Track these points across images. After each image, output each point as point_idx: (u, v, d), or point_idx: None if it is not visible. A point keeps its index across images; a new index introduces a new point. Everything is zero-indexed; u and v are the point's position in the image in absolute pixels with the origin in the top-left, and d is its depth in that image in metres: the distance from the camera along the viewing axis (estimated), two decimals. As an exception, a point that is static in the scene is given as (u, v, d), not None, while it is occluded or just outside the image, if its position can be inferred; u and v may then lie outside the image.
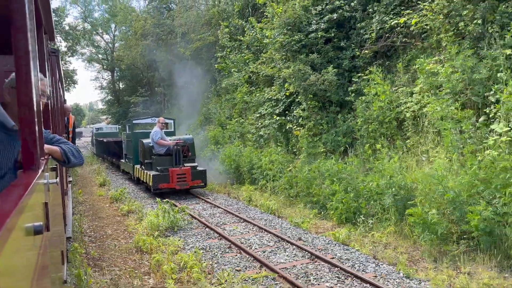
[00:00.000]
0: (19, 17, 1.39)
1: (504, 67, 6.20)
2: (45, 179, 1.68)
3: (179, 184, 9.75)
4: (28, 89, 1.43)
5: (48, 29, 3.06)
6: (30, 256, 1.03)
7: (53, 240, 1.89)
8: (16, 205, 0.91)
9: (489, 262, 4.80)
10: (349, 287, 4.30)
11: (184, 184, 9.80)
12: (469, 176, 5.25)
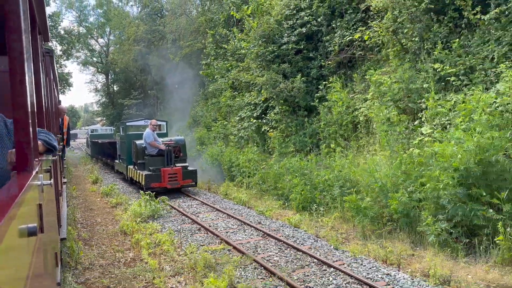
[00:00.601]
0: (13, 18, 1.38)
1: (432, 79, 7.39)
2: (39, 181, 1.67)
3: (170, 183, 10.14)
4: (23, 90, 1.41)
5: (43, 29, 3.04)
6: (24, 257, 1.02)
7: (47, 242, 1.89)
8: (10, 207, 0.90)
9: (406, 239, 5.94)
10: (286, 255, 5.43)
11: (175, 183, 10.20)
12: (393, 169, 6.41)
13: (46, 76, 4.10)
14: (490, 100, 5.83)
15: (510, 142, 5.42)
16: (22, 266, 0.96)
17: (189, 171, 10.58)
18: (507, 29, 6.66)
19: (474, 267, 4.84)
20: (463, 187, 5.33)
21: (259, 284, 4.53)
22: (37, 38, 2.52)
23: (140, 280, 4.92)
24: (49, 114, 4.21)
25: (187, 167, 10.84)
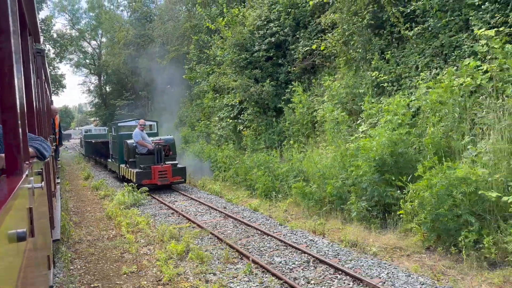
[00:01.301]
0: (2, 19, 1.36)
1: (371, 85, 8.73)
2: (30, 184, 1.64)
3: (160, 180, 10.60)
4: (12, 92, 1.38)
5: (33, 30, 3.01)
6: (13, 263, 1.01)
7: (38, 245, 1.87)
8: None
9: (339, 216, 7.26)
10: (238, 229, 6.74)
11: (165, 180, 10.67)
12: (330, 160, 7.74)
13: (37, 77, 4.00)
14: (404, 103, 7.16)
15: (417, 137, 6.76)
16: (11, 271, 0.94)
17: (178, 168, 11.10)
18: (429, 43, 8.00)
19: (383, 236, 6.17)
20: (378, 174, 6.66)
21: (210, 247, 5.84)
22: (27, 39, 2.49)
23: (119, 249, 6.20)
24: (41, 115, 4.11)
25: (177, 164, 11.34)
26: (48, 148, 2.26)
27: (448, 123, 6.46)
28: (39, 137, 2.36)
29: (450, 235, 5.28)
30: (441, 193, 5.28)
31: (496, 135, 5.65)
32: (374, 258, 5.26)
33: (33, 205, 1.61)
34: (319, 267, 4.93)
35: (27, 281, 1.27)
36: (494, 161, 5.40)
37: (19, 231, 1.07)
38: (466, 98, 6.50)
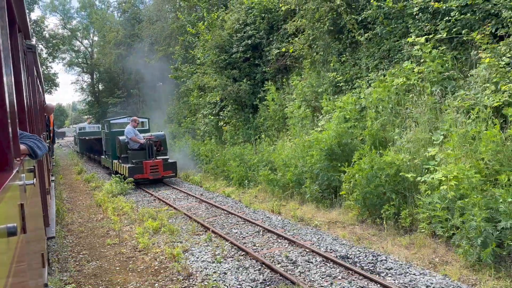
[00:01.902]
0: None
1: (330, 85, 9.83)
2: (21, 180, 1.64)
3: (152, 174, 10.98)
4: (1, 89, 1.36)
5: (23, 26, 2.96)
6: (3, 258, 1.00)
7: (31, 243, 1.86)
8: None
9: (298, 199, 8.39)
10: (209, 211, 7.86)
11: (156, 174, 11.06)
12: (291, 151, 8.86)
13: (28, 74, 3.90)
14: (352, 101, 8.28)
15: (360, 130, 7.88)
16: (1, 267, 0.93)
17: (169, 163, 11.52)
18: (377, 47, 9.10)
19: (329, 213, 7.30)
20: (328, 161, 7.78)
21: (181, 224, 6.94)
22: (16, 35, 2.46)
23: (105, 228, 7.28)
24: (33, 113, 4.06)
25: (168, 159, 11.73)
26: (42, 147, 2.27)
27: (385, 117, 7.59)
28: (34, 135, 2.37)
29: (376, 209, 6.42)
30: (370, 175, 6.41)
31: (418, 127, 6.79)
32: (314, 228, 6.39)
33: (24, 201, 1.61)
34: (266, 235, 6.06)
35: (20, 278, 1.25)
36: (414, 149, 6.53)
37: (9, 226, 1.06)
38: (401, 96, 7.64)
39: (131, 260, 5.48)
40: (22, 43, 3.16)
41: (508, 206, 4.52)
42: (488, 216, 4.64)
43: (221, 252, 5.40)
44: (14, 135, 1.50)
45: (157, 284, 4.60)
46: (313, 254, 5.11)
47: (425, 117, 6.81)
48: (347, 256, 5.01)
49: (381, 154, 6.71)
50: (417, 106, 7.14)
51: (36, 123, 4.44)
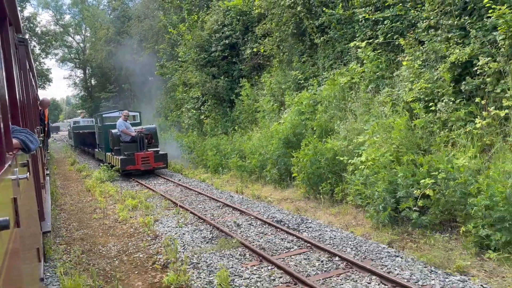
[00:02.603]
0: None
1: (292, 82, 11.09)
2: (14, 175, 1.63)
3: (143, 165, 11.51)
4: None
5: (14, 20, 2.94)
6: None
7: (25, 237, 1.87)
8: None
9: (261, 182, 9.68)
10: (183, 193, 9.14)
11: (148, 165, 11.57)
12: (258, 141, 10.14)
13: (20, 68, 3.86)
14: (307, 96, 9.56)
15: (313, 121, 9.16)
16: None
17: (160, 155, 12.05)
18: (332, 49, 10.35)
19: (283, 192, 8.60)
20: (284, 149, 9.07)
21: (157, 202, 8.23)
22: (7, 29, 2.46)
23: (92, 207, 8.54)
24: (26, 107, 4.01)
25: (159, 151, 12.27)
26: (34, 141, 2.26)
27: (332, 111, 8.88)
28: (25, 129, 2.38)
29: (317, 187, 7.74)
30: (313, 159, 7.71)
31: (354, 119, 8.09)
32: (266, 203, 7.71)
33: (18, 195, 1.60)
34: (224, 208, 7.37)
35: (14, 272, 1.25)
36: (350, 137, 7.83)
37: (1, 219, 1.05)
38: (345, 92, 8.92)
39: (112, 228, 6.76)
40: (13, 37, 3.10)
41: (404, 179, 5.84)
42: (389, 187, 5.96)
43: (184, 220, 6.70)
44: (6, 129, 1.49)
45: (130, 243, 5.89)
46: (256, 220, 6.43)
47: (360, 110, 8.11)
48: (282, 220, 6.32)
49: (324, 141, 8.02)
50: (355, 101, 8.43)
51: (29, 117, 4.43)
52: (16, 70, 3.01)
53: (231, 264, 4.69)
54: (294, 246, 5.17)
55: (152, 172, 12.40)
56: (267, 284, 4.10)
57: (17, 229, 1.44)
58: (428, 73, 6.78)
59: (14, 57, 3.01)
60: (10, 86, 2.28)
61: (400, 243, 5.19)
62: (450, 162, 5.52)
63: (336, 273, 4.26)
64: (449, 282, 3.89)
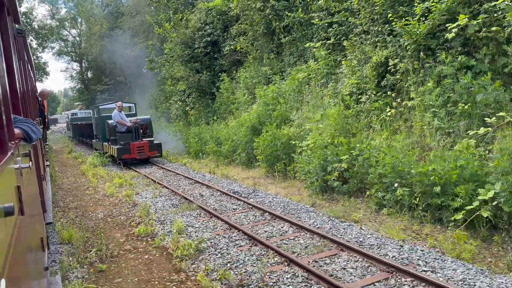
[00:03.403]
0: None
1: (263, 77, 12.50)
2: (16, 164, 1.64)
3: (139, 154, 12.15)
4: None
5: (12, 10, 2.90)
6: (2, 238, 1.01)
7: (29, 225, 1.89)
8: None
9: (233, 164, 11.16)
10: (165, 174, 10.62)
11: (143, 154, 12.21)
12: (230, 129, 11.59)
13: (19, 60, 3.87)
14: (272, 89, 10.98)
15: (275, 112, 10.59)
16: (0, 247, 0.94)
17: (154, 144, 12.70)
18: (296, 48, 11.72)
19: (249, 172, 10.08)
20: (251, 135, 10.51)
21: (140, 181, 9.72)
22: (6, 20, 2.42)
23: (86, 185, 10.02)
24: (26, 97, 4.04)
25: (153, 141, 12.97)
26: (37, 131, 2.26)
27: (291, 102, 10.32)
28: (28, 119, 2.37)
29: (274, 167, 9.21)
30: (271, 143, 9.16)
31: (307, 109, 9.54)
32: (231, 181, 9.19)
33: (21, 184, 1.63)
34: (195, 184, 8.87)
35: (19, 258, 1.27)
36: (301, 124, 9.28)
37: (6, 205, 1.06)
38: (303, 86, 10.34)
39: (101, 200, 8.25)
40: (12, 27, 3.09)
41: (332, 157, 7.30)
42: (322, 164, 7.43)
43: (159, 193, 8.20)
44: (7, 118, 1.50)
45: (115, 210, 7.38)
46: (217, 191, 7.93)
47: (312, 102, 9.56)
48: (238, 192, 7.82)
49: (282, 128, 9.47)
50: (309, 94, 9.87)
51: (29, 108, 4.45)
52: (15, 60, 3.05)
53: (189, 220, 6.19)
54: (239, 208, 6.68)
55: (147, 160, 13.17)
56: (210, 230, 5.60)
57: (21, 216, 1.46)
58: (359, 71, 8.22)
59: (13, 47, 3.01)
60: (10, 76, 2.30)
61: (322, 204, 6.69)
62: (368, 143, 7.00)
63: (263, 222, 5.76)
64: (339, 226, 5.40)
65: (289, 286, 3.81)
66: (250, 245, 4.96)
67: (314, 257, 4.42)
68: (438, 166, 5.21)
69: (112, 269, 4.72)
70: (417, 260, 4.16)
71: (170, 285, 4.21)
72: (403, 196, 5.61)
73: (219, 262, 4.52)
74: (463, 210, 4.69)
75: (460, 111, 5.91)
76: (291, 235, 5.20)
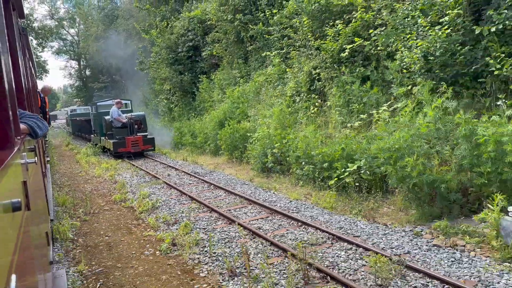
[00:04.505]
0: None
1: (233, 80, 14.51)
2: (22, 159, 1.65)
3: (133, 148, 13.21)
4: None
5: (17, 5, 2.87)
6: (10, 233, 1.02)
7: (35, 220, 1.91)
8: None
9: (205, 154, 13.19)
10: (144, 160, 12.66)
11: (137, 148, 13.29)
12: (202, 124, 13.62)
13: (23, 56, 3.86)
14: (238, 91, 13.00)
15: (238, 109, 12.61)
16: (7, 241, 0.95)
17: (148, 138, 13.85)
18: (260, 55, 13.72)
19: (215, 160, 12.11)
20: (218, 129, 12.52)
21: (123, 165, 11.76)
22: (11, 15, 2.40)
23: (79, 170, 12.05)
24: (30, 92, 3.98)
25: (147, 135, 14.10)
26: (43, 127, 2.30)
27: (250, 101, 12.34)
28: (35, 115, 2.39)
29: (233, 154, 11.23)
30: (231, 135, 11.18)
31: (261, 107, 11.56)
32: (199, 165, 11.23)
33: (27, 179, 1.64)
34: (167, 168, 10.93)
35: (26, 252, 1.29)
36: (255, 120, 11.30)
37: (14, 200, 1.07)
38: (261, 88, 12.36)
39: (90, 180, 10.29)
40: (17, 22, 3.08)
41: (271, 145, 9.32)
42: (264, 150, 9.44)
43: (136, 173, 10.24)
44: (13, 113, 1.52)
45: (100, 186, 9.41)
46: (183, 172, 9.98)
47: (266, 101, 11.58)
48: (198, 172, 9.86)
49: (241, 123, 11.51)
50: (265, 94, 11.90)
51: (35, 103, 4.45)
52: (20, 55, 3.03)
53: (153, 190, 8.23)
54: (194, 182, 8.73)
55: (142, 154, 14.08)
56: (166, 196, 7.65)
57: (27, 212, 1.48)
58: (296, 77, 10.24)
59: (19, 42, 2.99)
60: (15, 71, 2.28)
61: (258, 180, 8.73)
62: (294, 134, 9.01)
63: (207, 191, 7.82)
64: (258, 192, 7.44)
65: (204, 221, 5.86)
66: (190, 203, 7.01)
67: (230, 208, 6.47)
68: (328, 149, 7.25)
69: (93, 220, 6.77)
70: (293, 208, 6.21)
71: (131, 226, 6.25)
72: (309, 171, 7.65)
73: (166, 213, 6.56)
74: (335, 178, 6.73)
75: (356, 109, 7.95)
76: (223, 197, 7.25)
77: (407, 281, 3.60)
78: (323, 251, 4.45)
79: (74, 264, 4.82)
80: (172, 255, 4.89)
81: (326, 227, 5.19)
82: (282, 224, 5.51)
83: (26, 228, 1.35)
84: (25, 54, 4.39)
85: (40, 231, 2.18)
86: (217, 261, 4.48)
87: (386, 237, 4.76)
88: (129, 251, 5.15)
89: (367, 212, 5.92)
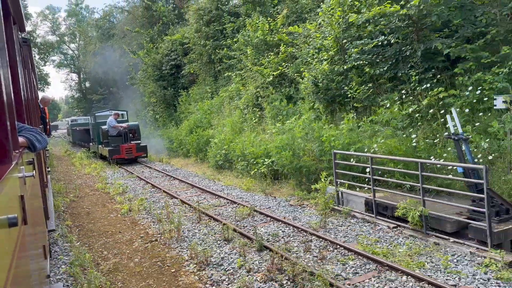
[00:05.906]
0: None
1: (211, 88, 17.16)
2: (20, 172, 1.66)
3: (127, 155, 14.63)
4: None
5: (18, 19, 2.95)
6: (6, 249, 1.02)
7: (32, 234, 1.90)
8: None
9: (177, 156, 15.76)
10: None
11: (130, 155, 14.69)
12: (177, 131, 16.23)
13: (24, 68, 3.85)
14: (207, 104, 15.62)
15: (205, 120, 15.20)
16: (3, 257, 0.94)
17: (141, 146, 15.16)
18: (228, 74, 16.36)
19: (186, 161, 14.66)
20: (189, 135, 15.09)
21: (110, 167, 14.34)
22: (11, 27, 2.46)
23: (73, 170, 14.61)
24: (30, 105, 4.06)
25: (140, 143, 15.43)
26: (42, 140, 2.28)
27: (214, 113, 14.94)
28: (35, 128, 2.40)
29: (199, 155, 13.78)
30: (196, 140, 13.74)
31: (222, 118, 14.17)
32: (170, 165, 13.78)
33: (24, 193, 1.64)
34: (144, 167, 13.48)
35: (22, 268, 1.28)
36: (215, 128, 13.89)
37: (10, 216, 1.07)
38: (224, 102, 14.98)
39: (81, 176, 12.86)
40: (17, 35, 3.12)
41: (222, 146, 11.87)
42: (219, 151, 11.98)
43: (117, 171, 12.81)
44: (12, 127, 1.51)
45: (88, 180, 11.97)
46: (155, 171, 12.54)
47: (226, 113, 14.20)
48: (166, 170, 12.42)
49: (206, 130, 14.11)
50: (226, 107, 14.53)
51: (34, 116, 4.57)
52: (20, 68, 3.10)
53: (128, 182, 10.78)
54: (160, 177, 11.29)
55: (135, 160, 15.47)
56: (136, 184, 10.19)
57: (24, 226, 1.47)
58: (247, 94, 12.86)
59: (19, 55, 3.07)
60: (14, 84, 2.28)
61: (210, 174, 11.27)
62: (239, 139, 11.58)
63: (168, 180, 10.39)
64: (203, 181, 9.98)
65: (155, 198, 8.41)
66: (152, 188, 9.56)
67: (177, 190, 9.02)
68: (255, 148, 9.82)
69: (79, 200, 9.32)
70: (220, 189, 8.77)
71: (105, 203, 8.80)
72: (243, 166, 10.20)
73: (132, 194, 9.10)
74: (255, 169, 9.29)
75: (280, 119, 10.54)
76: (177, 185, 9.80)
77: (253, 218, 6.16)
78: (220, 209, 7.00)
79: (63, 222, 7.36)
80: (128, 216, 7.44)
81: (231, 197, 7.75)
82: (206, 197, 8.08)
83: (22, 243, 1.37)
84: (27, 65, 4.51)
85: (37, 245, 2.19)
86: (154, 217, 7.03)
87: (262, 202, 7.32)
88: (100, 216, 7.70)
89: (271, 191, 8.46)
